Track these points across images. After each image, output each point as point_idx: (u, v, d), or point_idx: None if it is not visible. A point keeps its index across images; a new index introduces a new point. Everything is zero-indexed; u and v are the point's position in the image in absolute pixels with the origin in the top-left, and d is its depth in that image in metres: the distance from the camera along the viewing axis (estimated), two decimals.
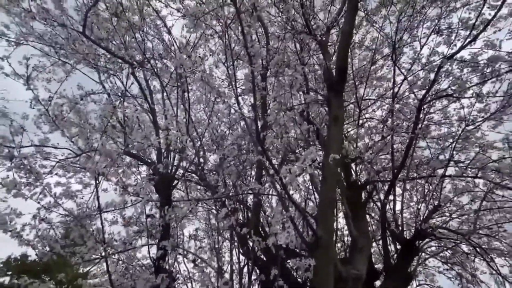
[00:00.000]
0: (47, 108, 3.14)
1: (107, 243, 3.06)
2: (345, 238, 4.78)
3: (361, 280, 2.78)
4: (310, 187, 4.19)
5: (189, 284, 4.43)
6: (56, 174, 4.25)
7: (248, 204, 3.90)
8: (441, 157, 4.46)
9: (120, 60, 4.73)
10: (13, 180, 2.61)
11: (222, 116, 5.25)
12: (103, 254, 3.51)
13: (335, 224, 3.99)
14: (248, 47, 2.46)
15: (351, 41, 3.30)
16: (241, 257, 4.52)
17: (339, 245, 4.73)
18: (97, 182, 2.94)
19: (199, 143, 3.25)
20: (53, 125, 3.18)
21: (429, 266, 5.24)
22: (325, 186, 2.62)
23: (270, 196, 4.31)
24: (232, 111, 5.03)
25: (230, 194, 3.61)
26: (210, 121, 4.67)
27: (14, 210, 2.64)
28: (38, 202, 2.93)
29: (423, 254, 4.67)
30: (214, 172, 3.66)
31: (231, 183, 4.23)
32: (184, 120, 3.13)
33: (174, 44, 4.44)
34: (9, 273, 13.12)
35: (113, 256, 3.42)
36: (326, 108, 4.76)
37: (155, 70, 4.52)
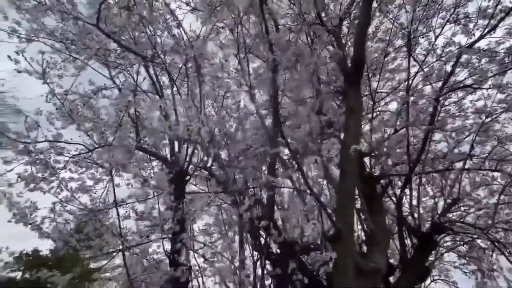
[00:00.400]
0: (63, 102, 3.14)
1: (123, 236, 3.08)
2: (359, 233, 4.73)
3: (380, 273, 2.75)
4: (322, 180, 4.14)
5: (200, 279, 4.46)
6: (70, 169, 4.28)
7: (262, 198, 3.87)
8: (458, 150, 4.36)
9: (131, 55, 4.73)
10: (31, 174, 2.62)
11: (230, 111, 5.22)
12: (119, 247, 3.55)
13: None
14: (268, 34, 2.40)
15: (367, 32, 3.23)
16: (252, 252, 4.52)
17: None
18: (112, 175, 2.94)
19: (208, 138, 3.24)
20: (69, 119, 3.18)
21: (444, 261, 5.17)
22: (344, 178, 2.57)
23: (281, 190, 4.28)
24: (242, 105, 5.00)
25: (246, 187, 3.59)
26: (219, 116, 4.64)
27: (33, 203, 2.66)
28: (56, 196, 2.95)
29: (440, 248, 4.59)
30: (227, 167, 3.64)
31: (241, 177, 4.21)
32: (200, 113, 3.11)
33: (185, 36, 4.40)
34: (21, 268, 13.39)
35: (129, 250, 3.44)
36: (338, 101, 4.70)
37: (165, 65, 4.50)
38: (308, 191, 2.51)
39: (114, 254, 3.23)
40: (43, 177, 3.05)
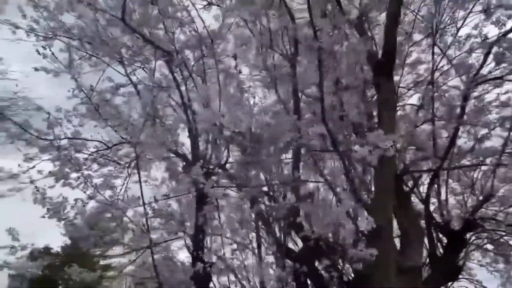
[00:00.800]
0: (89, 97, 3.12)
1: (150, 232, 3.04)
2: None
3: (419, 271, 2.66)
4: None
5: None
6: (90, 166, 4.27)
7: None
8: (478, 146, 4.23)
9: (147, 51, 4.71)
10: (61, 170, 2.60)
11: (244, 107, 5.14)
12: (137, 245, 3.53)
13: None
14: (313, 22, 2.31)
15: (398, 21, 3.14)
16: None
17: None
18: (139, 172, 2.91)
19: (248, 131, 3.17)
20: (96, 114, 3.16)
21: (470, 260, 5.03)
22: (381, 173, 2.49)
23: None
24: (257, 100, 4.91)
25: (267, 184, 3.53)
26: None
27: (65, 199, 2.64)
28: (84, 192, 2.94)
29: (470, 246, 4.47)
30: (251, 164, 3.58)
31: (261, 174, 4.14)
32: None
33: (205, 30, 4.34)
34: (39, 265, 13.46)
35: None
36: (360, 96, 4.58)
37: (184, 60, 4.46)
38: (347, 186, 2.43)
39: (142, 251, 3.20)
40: (67, 173, 3.03)
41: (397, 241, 3.23)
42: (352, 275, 3.29)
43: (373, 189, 2.94)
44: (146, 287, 4.77)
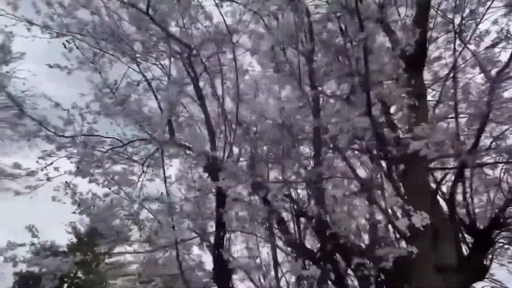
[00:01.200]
0: (114, 92, 3.07)
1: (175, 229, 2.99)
2: None
3: (454, 270, 2.58)
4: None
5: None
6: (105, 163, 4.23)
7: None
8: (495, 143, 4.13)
9: (159, 48, 4.67)
10: (87, 166, 2.56)
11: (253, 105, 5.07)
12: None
13: None
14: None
15: (428, 14, 3.07)
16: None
17: None
18: (164, 170, 2.86)
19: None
20: (113, 110, 3.11)
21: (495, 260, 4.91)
22: (417, 170, 2.41)
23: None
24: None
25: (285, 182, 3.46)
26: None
27: (95, 194, 2.60)
28: (109, 188, 2.90)
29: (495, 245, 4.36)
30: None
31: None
32: None
33: (225, 24, 4.28)
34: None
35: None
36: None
37: (200, 57, 4.41)
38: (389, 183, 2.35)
39: (167, 248, 3.16)
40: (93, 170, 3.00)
41: None
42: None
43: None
44: (152, 285, 4.74)
